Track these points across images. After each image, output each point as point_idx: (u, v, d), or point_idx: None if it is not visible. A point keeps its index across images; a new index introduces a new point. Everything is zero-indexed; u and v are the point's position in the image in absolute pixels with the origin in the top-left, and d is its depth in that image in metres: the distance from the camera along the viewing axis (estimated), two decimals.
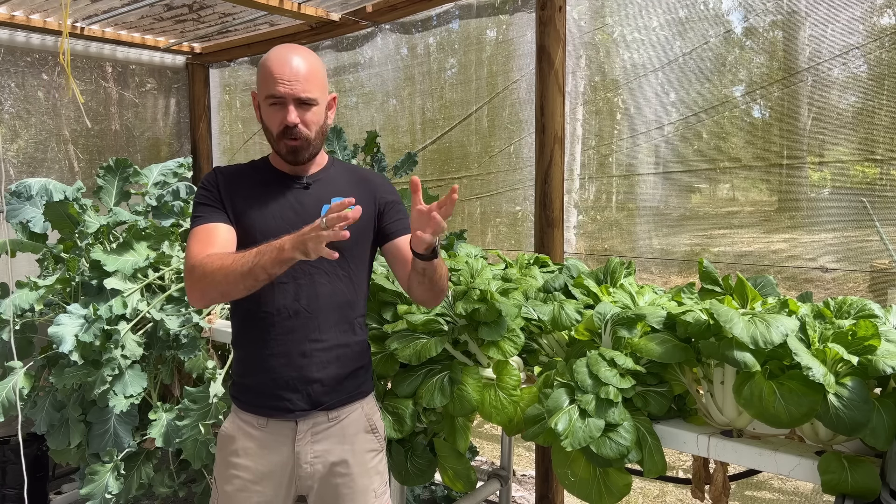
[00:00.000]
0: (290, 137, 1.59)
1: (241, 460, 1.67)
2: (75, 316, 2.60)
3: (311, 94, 1.58)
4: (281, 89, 1.55)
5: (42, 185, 3.08)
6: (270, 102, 1.58)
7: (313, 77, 1.59)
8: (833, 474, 1.36)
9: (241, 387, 1.71)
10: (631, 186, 3.11)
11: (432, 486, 3.30)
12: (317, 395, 1.65)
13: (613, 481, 1.56)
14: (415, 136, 3.86)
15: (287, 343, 1.64)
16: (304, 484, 1.68)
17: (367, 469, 1.72)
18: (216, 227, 1.62)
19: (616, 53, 3.13)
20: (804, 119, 2.61)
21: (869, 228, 2.45)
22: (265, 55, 1.62)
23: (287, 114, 1.57)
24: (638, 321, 1.70)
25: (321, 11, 3.58)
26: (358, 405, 1.73)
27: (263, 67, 1.59)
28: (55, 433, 2.79)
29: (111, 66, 4.34)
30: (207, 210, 1.64)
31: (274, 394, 1.64)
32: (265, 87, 1.58)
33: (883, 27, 2.41)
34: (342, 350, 1.69)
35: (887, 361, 1.38)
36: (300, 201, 1.66)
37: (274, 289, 1.62)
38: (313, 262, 1.59)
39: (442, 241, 1.42)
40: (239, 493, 1.66)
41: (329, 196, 1.66)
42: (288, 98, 1.56)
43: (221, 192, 1.65)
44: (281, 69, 1.55)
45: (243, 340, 1.71)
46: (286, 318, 1.63)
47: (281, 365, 1.64)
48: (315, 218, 1.55)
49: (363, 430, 1.73)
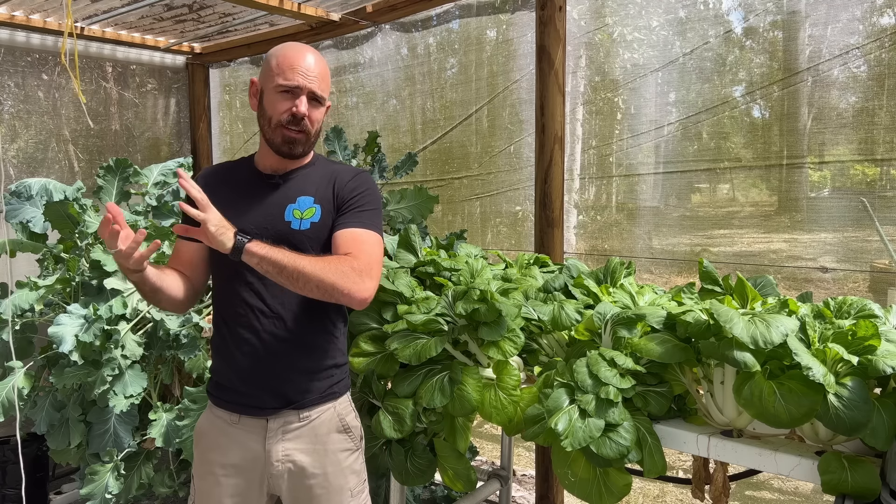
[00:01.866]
0: (295, 128, 1.62)
1: (213, 455, 1.69)
2: (75, 316, 2.60)
3: (323, 93, 1.65)
4: (300, 80, 1.59)
5: (42, 185, 3.07)
6: (282, 90, 1.60)
7: (326, 78, 1.66)
8: (833, 474, 1.36)
9: (214, 383, 1.73)
10: (631, 186, 3.11)
11: (432, 486, 3.30)
12: (287, 393, 1.66)
13: (613, 481, 1.56)
14: (415, 136, 3.86)
15: (257, 341, 1.65)
16: (275, 483, 1.68)
17: (342, 468, 1.71)
18: (179, 244, 1.75)
19: (616, 53, 3.13)
20: (804, 119, 2.61)
21: (869, 228, 2.45)
22: (278, 48, 1.65)
23: (298, 104, 1.59)
24: (638, 321, 1.69)
25: (321, 11, 3.58)
26: (330, 405, 1.72)
27: (280, 56, 1.61)
28: (55, 433, 2.79)
29: (111, 66, 4.34)
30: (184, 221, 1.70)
31: (245, 391, 1.66)
32: (280, 74, 1.59)
33: (883, 27, 2.41)
34: (313, 348, 1.69)
35: (887, 361, 1.38)
36: (268, 200, 1.68)
37: (242, 287, 1.64)
38: None
39: (241, 242, 1.46)
40: (213, 489, 1.68)
41: (295, 194, 1.68)
42: (304, 89, 1.60)
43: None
44: (301, 61, 1.60)
45: (217, 338, 1.73)
46: (256, 317, 1.64)
47: (251, 363, 1.65)
48: (278, 217, 1.64)
49: (335, 430, 1.72)
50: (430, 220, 3.50)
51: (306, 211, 1.66)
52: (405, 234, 2.39)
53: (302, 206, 1.67)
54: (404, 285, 2.04)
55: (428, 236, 2.99)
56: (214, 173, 1.77)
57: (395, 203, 3.09)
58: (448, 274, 2.20)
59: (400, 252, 2.38)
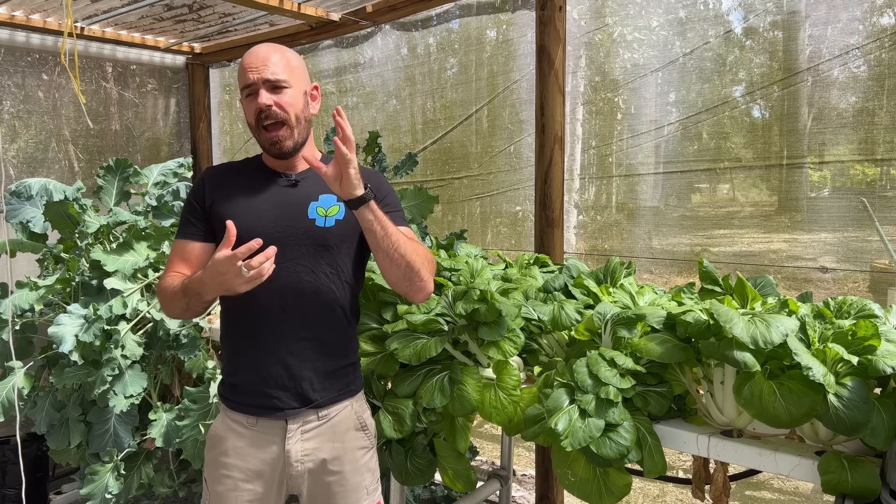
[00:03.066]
0: (269, 122, 1.58)
1: (231, 460, 1.66)
2: (75, 316, 2.60)
3: (279, 76, 1.57)
4: (251, 76, 1.57)
5: (42, 185, 3.07)
6: (246, 94, 1.60)
7: (283, 62, 1.60)
8: (833, 474, 1.36)
9: (229, 386, 1.71)
10: (631, 186, 3.11)
11: (432, 486, 3.30)
12: (306, 392, 1.65)
13: (613, 481, 1.56)
14: (416, 137, 3.86)
15: (275, 341, 1.64)
16: (294, 483, 1.68)
17: (359, 466, 1.71)
18: (184, 245, 1.68)
19: (616, 53, 3.13)
20: (804, 119, 2.61)
21: (869, 228, 2.45)
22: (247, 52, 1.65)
23: (259, 98, 1.56)
24: (638, 321, 1.69)
25: (321, 11, 3.58)
26: (347, 403, 1.72)
27: (239, 65, 1.62)
28: (55, 433, 2.79)
29: (111, 66, 4.34)
30: (184, 223, 1.70)
31: (263, 392, 1.64)
32: (240, 80, 1.61)
33: (883, 27, 2.41)
34: (330, 347, 1.68)
35: (887, 361, 1.38)
36: (286, 199, 1.66)
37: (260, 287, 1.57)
38: (298, 260, 1.62)
39: (369, 195, 1.47)
40: (230, 493, 1.66)
41: (317, 193, 1.66)
42: (258, 82, 1.56)
43: (206, 198, 1.67)
44: (250, 59, 1.58)
45: (231, 340, 1.71)
46: (273, 316, 1.63)
47: (269, 363, 1.64)
48: (301, 215, 1.62)
49: (353, 428, 1.72)
50: (430, 220, 3.50)
51: (330, 208, 1.65)
52: None
53: (325, 203, 1.65)
54: None
55: (428, 236, 2.99)
56: (220, 173, 1.75)
57: None
58: (448, 274, 2.20)
59: None
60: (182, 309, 1.58)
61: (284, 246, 1.57)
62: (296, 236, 1.61)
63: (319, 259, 1.63)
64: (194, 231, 1.67)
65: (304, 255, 1.62)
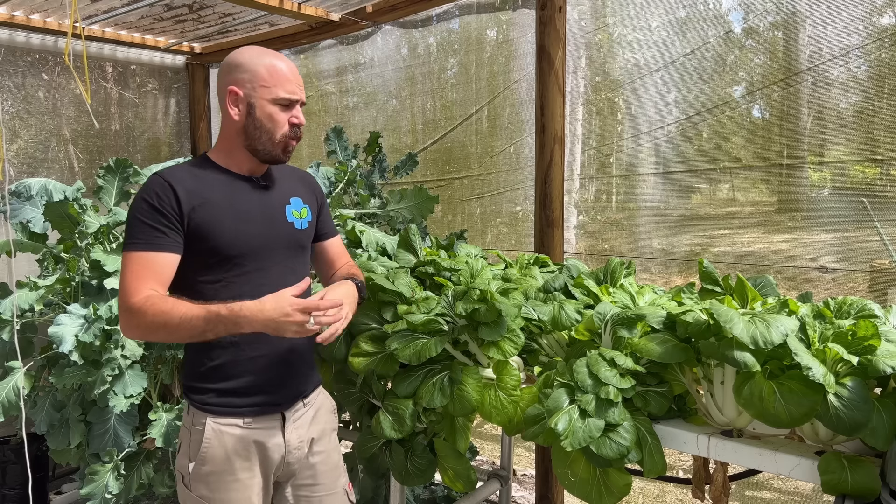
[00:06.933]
0: (295, 136, 1.69)
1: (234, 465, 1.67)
2: (75, 316, 2.60)
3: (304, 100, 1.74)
4: (297, 93, 1.65)
5: (42, 185, 3.07)
6: (283, 104, 1.63)
7: None
8: (833, 474, 1.36)
9: (220, 392, 1.66)
10: (631, 186, 3.11)
11: (432, 486, 3.30)
12: (300, 385, 1.77)
13: (613, 481, 1.56)
14: (416, 137, 3.86)
15: (276, 343, 1.68)
16: (289, 470, 1.75)
17: (336, 446, 1.88)
18: (158, 258, 1.52)
19: (616, 53, 3.13)
20: (804, 119, 2.61)
21: (869, 228, 2.46)
22: (253, 55, 1.63)
23: (298, 114, 1.67)
24: (638, 321, 1.69)
25: (321, 11, 3.58)
26: (320, 388, 1.88)
27: (269, 67, 1.60)
28: (55, 433, 2.79)
29: (111, 66, 4.34)
30: (151, 233, 1.52)
31: (263, 391, 1.69)
32: (277, 86, 1.61)
33: (883, 27, 2.41)
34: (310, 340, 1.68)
35: (887, 361, 1.38)
36: (265, 202, 1.71)
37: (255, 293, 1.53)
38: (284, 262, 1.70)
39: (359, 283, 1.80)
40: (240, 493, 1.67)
41: (287, 196, 1.76)
42: (299, 102, 1.68)
43: (182, 205, 1.55)
44: (294, 75, 1.67)
45: (222, 348, 1.66)
46: None
47: (271, 364, 1.69)
48: (280, 217, 1.70)
49: (329, 411, 1.88)
50: (430, 220, 3.50)
51: (301, 211, 1.77)
52: (405, 234, 2.39)
53: (297, 206, 1.76)
54: (404, 285, 2.04)
55: (428, 236, 2.99)
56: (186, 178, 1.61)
57: (395, 203, 3.09)
58: (448, 274, 2.20)
59: (400, 252, 2.38)
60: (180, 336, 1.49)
61: (272, 248, 1.67)
62: (280, 239, 1.70)
63: (297, 259, 1.75)
64: (169, 242, 1.54)
65: (288, 256, 1.72)
